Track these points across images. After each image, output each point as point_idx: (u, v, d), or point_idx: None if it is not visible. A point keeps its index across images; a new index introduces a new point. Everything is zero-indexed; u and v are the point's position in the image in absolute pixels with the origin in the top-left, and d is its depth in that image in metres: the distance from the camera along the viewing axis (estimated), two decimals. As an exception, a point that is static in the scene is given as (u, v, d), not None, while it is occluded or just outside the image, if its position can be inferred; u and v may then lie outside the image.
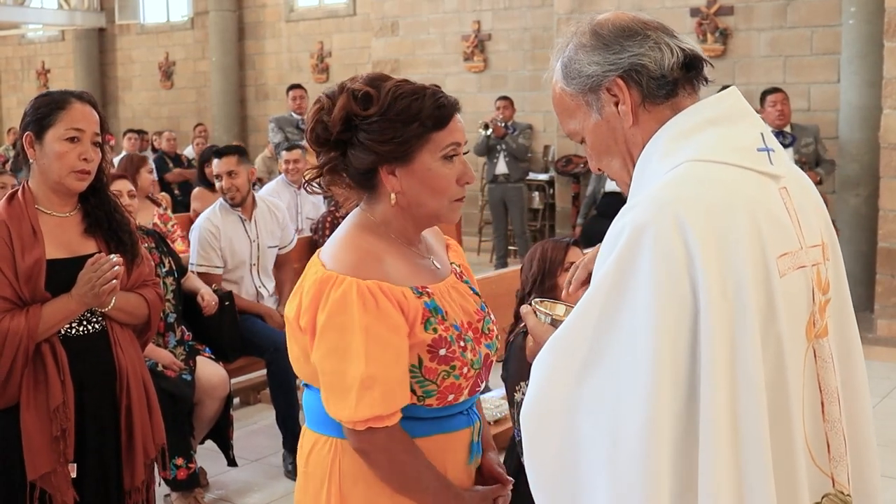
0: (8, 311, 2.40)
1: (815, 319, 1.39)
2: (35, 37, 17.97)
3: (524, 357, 2.71)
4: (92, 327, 2.56)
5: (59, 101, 2.48)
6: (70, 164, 2.45)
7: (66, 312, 2.47)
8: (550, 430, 1.35)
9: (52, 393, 2.44)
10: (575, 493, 1.33)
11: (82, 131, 2.47)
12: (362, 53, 13.02)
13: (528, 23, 10.96)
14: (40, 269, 2.42)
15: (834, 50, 8.17)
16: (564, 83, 1.47)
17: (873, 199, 7.07)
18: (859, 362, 1.50)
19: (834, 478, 1.41)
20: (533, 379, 1.39)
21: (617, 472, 1.27)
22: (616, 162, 1.48)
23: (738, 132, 1.41)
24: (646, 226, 1.28)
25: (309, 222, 6.12)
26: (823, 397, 1.40)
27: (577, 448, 1.32)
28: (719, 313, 1.26)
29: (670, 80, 1.41)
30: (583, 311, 1.33)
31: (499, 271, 5.79)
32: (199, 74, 15.24)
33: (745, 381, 1.27)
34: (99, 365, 2.55)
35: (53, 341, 2.48)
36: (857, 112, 7.51)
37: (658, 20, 1.47)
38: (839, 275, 1.48)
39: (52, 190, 2.50)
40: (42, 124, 2.46)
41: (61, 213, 2.52)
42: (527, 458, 1.39)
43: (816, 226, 1.44)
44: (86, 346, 2.54)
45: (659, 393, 1.25)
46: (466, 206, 9.82)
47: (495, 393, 4.19)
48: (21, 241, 2.40)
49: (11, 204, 2.47)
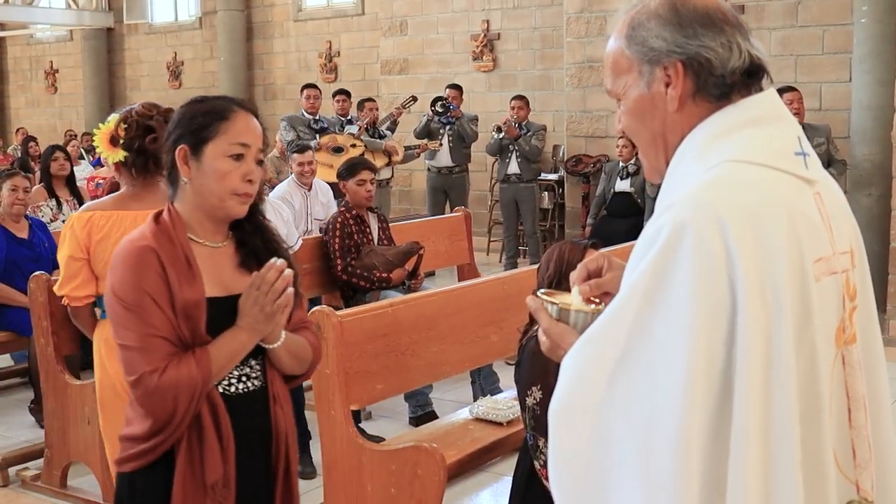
0: (171, 354, 1.96)
1: (845, 326, 1.38)
2: (43, 37, 18.01)
3: (536, 361, 2.69)
4: (251, 384, 2.12)
5: (221, 111, 2.08)
6: (232, 185, 2.04)
7: (237, 347, 2.03)
8: (579, 428, 1.33)
9: (210, 464, 2.00)
10: (602, 492, 1.31)
11: (247, 147, 2.07)
12: (371, 53, 13.01)
13: (538, 22, 10.93)
14: (201, 310, 2.00)
15: (845, 49, 8.13)
16: (626, 44, 1.44)
17: (885, 198, 7.03)
18: (882, 369, 1.49)
19: (859, 485, 1.39)
20: (563, 375, 1.37)
21: (647, 472, 1.25)
22: (645, 135, 1.46)
23: (776, 134, 1.39)
24: (686, 225, 1.26)
25: (318, 223, 6.11)
26: (850, 404, 1.38)
27: (606, 447, 1.30)
28: (757, 316, 1.25)
29: (729, 82, 1.39)
30: (618, 309, 1.31)
31: (511, 272, 5.76)
32: (208, 74, 15.24)
33: (778, 385, 1.25)
34: (254, 428, 2.11)
35: (216, 400, 2.03)
36: (869, 111, 7.47)
37: (736, 14, 1.44)
38: (865, 281, 1.47)
39: (206, 215, 2.08)
40: (200, 137, 2.05)
41: (214, 242, 2.11)
42: (552, 454, 1.37)
43: (846, 232, 1.43)
44: (245, 407, 2.09)
45: (693, 394, 1.24)
46: (476, 205, 9.79)
47: (507, 394, 4.17)
48: (176, 274, 1.98)
49: (159, 226, 2.05)
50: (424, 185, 9.78)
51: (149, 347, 1.94)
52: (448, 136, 9.12)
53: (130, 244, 2.02)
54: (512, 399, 3.87)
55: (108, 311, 2.03)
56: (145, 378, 1.93)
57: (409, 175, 11.69)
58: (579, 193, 9.82)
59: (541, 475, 2.74)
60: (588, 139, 9.76)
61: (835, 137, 7.33)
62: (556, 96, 10.59)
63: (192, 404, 1.96)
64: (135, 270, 1.97)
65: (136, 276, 1.96)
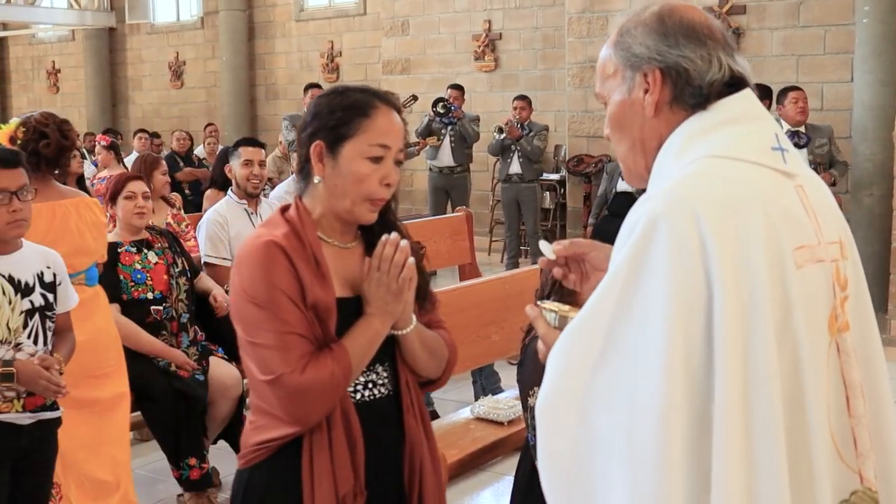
0: (310, 352, 1.83)
1: (837, 314, 1.39)
2: (45, 36, 18.04)
3: (538, 361, 2.69)
4: (378, 391, 1.97)
5: (363, 106, 1.91)
6: (369, 189, 1.89)
7: (371, 335, 1.90)
8: (564, 422, 1.34)
9: (341, 475, 1.85)
10: (589, 484, 1.32)
11: (388, 149, 1.91)
12: (372, 53, 13.02)
13: (539, 22, 10.94)
14: (332, 311, 1.88)
15: (847, 49, 8.13)
16: (613, 49, 1.50)
17: (887, 198, 7.03)
18: (881, 361, 1.50)
19: (862, 474, 1.39)
20: (548, 372, 1.39)
21: (632, 463, 1.27)
22: (625, 143, 1.51)
23: (753, 131, 1.42)
24: (661, 217, 1.29)
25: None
26: (848, 392, 1.39)
27: (591, 439, 1.31)
28: (733, 307, 1.26)
29: (705, 93, 1.42)
30: (598, 302, 1.33)
31: (512, 272, 5.77)
32: (210, 74, 15.26)
33: (756, 374, 1.27)
34: (384, 440, 1.95)
35: (346, 403, 1.89)
36: (871, 111, 7.47)
37: (724, 32, 1.48)
38: (858, 274, 1.48)
39: (336, 216, 1.94)
40: (338, 134, 1.89)
41: (343, 243, 1.97)
42: (540, 451, 1.38)
43: (833, 224, 1.44)
44: (372, 416, 1.94)
45: (672, 385, 1.25)
46: (477, 205, 9.76)
47: (508, 394, 4.19)
48: (307, 272, 1.86)
49: (287, 222, 1.91)
50: (426, 185, 9.79)
51: (286, 346, 1.81)
52: (450, 136, 9.13)
53: (256, 240, 1.87)
54: (513, 399, 3.87)
55: (237, 312, 1.89)
56: (285, 378, 1.79)
57: (411, 175, 11.69)
58: (581, 193, 9.83)
59: (542, 474, 2.75)
60: (590, 139, 9.76)
61: (836, 137, 7.32)
62: (558, 96, 10.60)
63: (334, 404, 1.84)
64: (264, 267, 1.83)
65: (266, 272, 1.82)
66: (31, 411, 2.80)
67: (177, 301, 4.05)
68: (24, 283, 2.76)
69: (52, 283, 2.84)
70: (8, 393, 2.72)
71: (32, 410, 2.80)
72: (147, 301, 3.96)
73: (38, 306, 2.79)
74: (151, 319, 3.96)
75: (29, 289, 2.78)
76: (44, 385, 2.68)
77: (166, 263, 4.06)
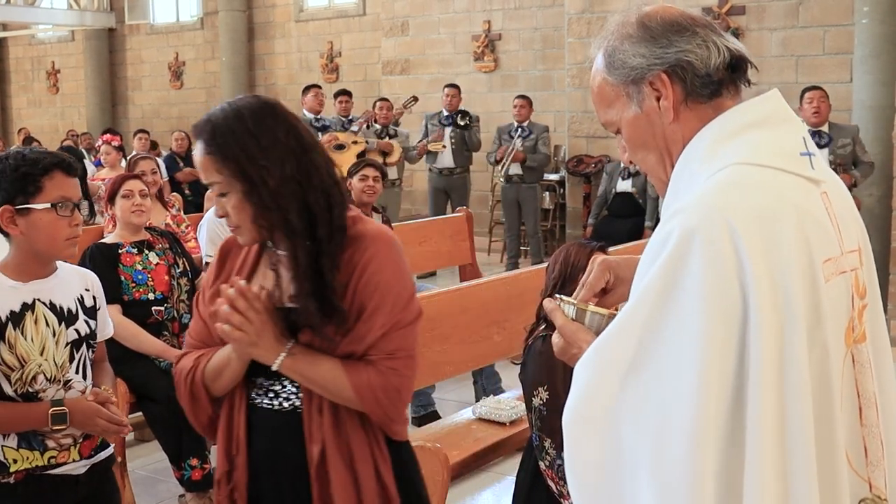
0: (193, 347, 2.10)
1: (854, 325, 1.39)
2: (45, 37, 18.03)
3: (542, 361, 2.69)
4: (281, 403, 2.01)
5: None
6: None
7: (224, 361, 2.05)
8: (592, 436, 1.33)
9: (219, 460, 2.06)
10: (618, 494, 1.31)
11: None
12: (372, 53, 13.02)
13: (539, 22, 10.94)
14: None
15: (847, 49, 8.13)
16: (607, 73, 1.46)
17: (886, 198, 7.04)
18: (889, 366, 1.50)
19: (871, 482, 1.40)
20: (576, 383, 1.38)
21: (661, 478, 1.26)
22: (652, 157, 1.47)
23: (782, 136, 1.40)
24: (695, 231, 1.27)
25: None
26: (861, 402, 1.39)
27: (620, 453, 1.30)
28: (769, 320, 1.25)
29: (715, 79, 1.40)
30: (628, 316, 1.32)
31: (513, 272, 5.78)
32: (209, 74, 15.26)
33: (792, 387, 1.26)
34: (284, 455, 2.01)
35: (237, 402, 2.08)
36: (870, 112, 7.48)
37: (704, 17, 1.46)
38: (872, 279, 1.47)
39: None
40: None
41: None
42: (568, 464, 1.38)
43: (853, 231, 1.44)
44: (268, 426, 2.03)
45: (706, 399, 1.24)
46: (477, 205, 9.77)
47: (510, 394, 4.19)
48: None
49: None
50: (426, 186, 9.79)
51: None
52: (451, 138, 9.15)
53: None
54: (514, 399, 3.88)
55: None
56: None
57: (411, 175, 11.69)
58: (581, 194, 9.83)
59: (546, 475, 2.75)
60: (589, 139, 9.77)
61: (836, 138, 7.32)
62: (558, 97, 10.60)
63: (187, 394, 2.02)
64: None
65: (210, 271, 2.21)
66: (86, 457, 2.41)
67: (178, 302, 4.05)
68: (66, 311, 2.39)
69: (93, 307, 2.48)
70: (64, 440, 2.35)
71: (88, 456, 2.41)
72: (148, 302, 3.97)
73: (83, 335, 2.42)
74: (153, 320, 3.97)
75: (73, 316, 2.40)
76: (103, 425, 2.33)
77: (167, 264, 4.06)
